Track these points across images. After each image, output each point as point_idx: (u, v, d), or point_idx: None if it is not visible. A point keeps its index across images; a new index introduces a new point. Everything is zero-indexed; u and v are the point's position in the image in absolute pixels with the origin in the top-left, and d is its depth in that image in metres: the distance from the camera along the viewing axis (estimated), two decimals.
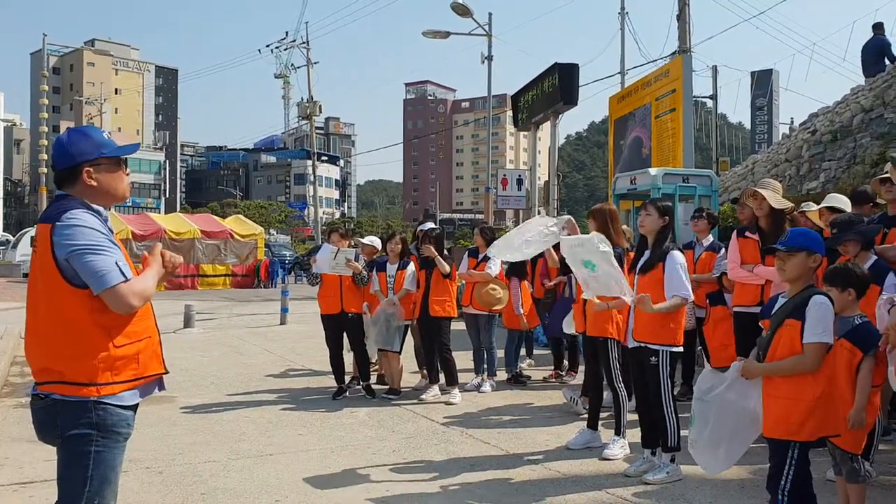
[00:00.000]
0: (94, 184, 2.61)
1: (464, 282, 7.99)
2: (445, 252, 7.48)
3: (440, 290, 7.21)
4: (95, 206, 2.61)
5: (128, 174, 2.74)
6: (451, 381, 7.21)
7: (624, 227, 6.06)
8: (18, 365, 9.34)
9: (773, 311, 3.49)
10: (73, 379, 2.47)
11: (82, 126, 2.83)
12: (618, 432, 5.29)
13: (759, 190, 5.42)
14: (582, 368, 7.30)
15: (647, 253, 4.86)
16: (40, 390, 2.52)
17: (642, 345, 4.78)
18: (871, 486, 4.14)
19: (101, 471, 2.50)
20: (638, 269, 4.86)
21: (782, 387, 3.30)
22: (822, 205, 5.93)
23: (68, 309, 2.47)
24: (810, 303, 3.26)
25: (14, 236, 40.02)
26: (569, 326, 6.08)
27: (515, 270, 8.11)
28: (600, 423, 5.60)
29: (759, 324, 3.63)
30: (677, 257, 4.72)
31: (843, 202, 5.74)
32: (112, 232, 2.59)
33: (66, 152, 2.61)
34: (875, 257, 4.51)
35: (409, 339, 7.72)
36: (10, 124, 78.05)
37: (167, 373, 2.76)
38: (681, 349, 4.85)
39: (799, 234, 3.52)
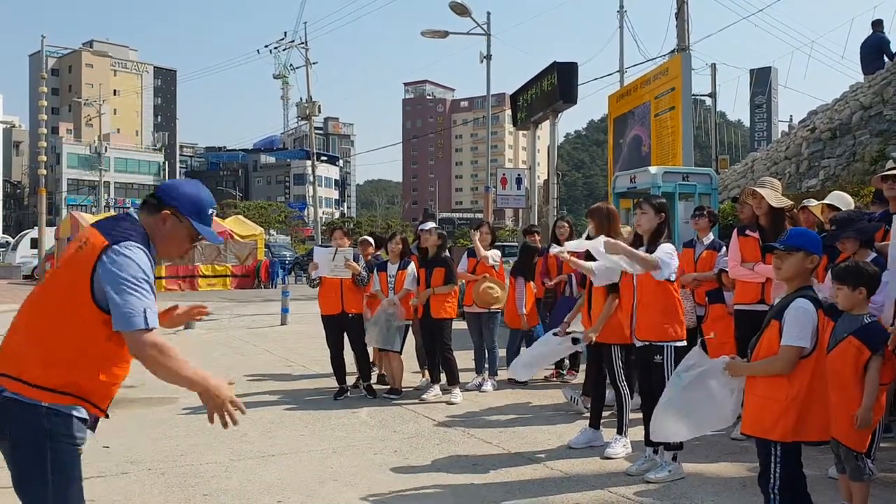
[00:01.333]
0: (164, 228, 2.62)
1: (464, 282, 7.99)
2: (447, 253, 7.49)
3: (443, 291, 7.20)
4: (152, 246, 2.59)
5: (193, 247, 2.75)
6: (453, 380, 7.22)
7: (626, 228, 6.06)
8: None
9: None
10: (33, 379, 2.39)
11: (203, 187, 2.79)
12: (620, 431, 5.30)
13: (757, 189, 5.41)
14: (583, 367, 7.32)
15: (642, 251, 4.85)
16: None
17: (647, 343, 4.79)
18: (872, 483, 4.14)
19: (62, 478, 2.42)
20: None
21: (759, 386, 3.34)
22: (825, 201, 5.94)
23: (75, 319, 2.42)
24: (790, 306, 3.26)
25: (13, 238, 40.04)
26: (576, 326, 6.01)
27: (522, 270, 8.12)
28: (602, 421, 5.61)
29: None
30: (667, 246, 4.74)
31: (846, 201, 5.74)
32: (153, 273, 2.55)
33: (172, 189, 2.67)
34: (874, 254, 4.51)
35: (410, 338, 7.72)
36: (9, 126, 78.06)
37: (107, 417, 2.61)
38: (684, 343, 4.85)
39: (798, 233, 3.51)
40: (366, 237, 8.49)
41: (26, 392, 2.39)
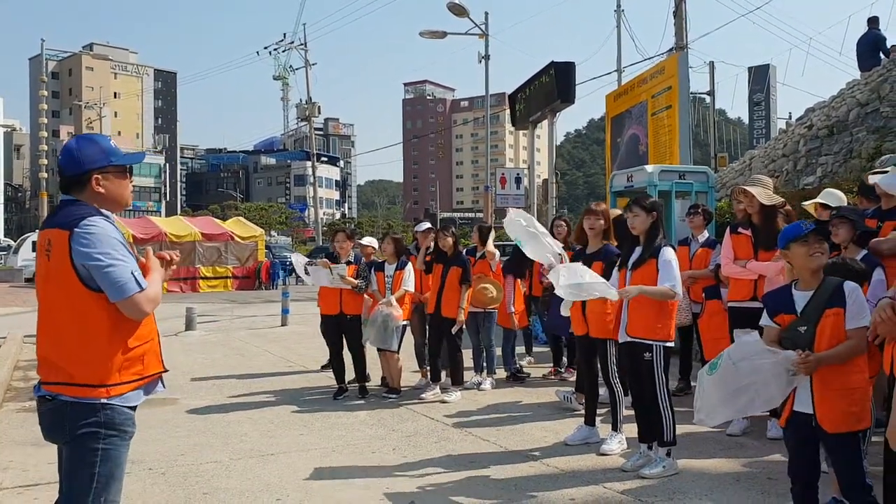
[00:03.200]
0: (102, 191, 2.69)
1: None
2: (461, 250, 7.51)
3: (455, 290, 7.23)
4: (104, 212, 2.68)
5: (132, 181, 2.82)
6: (457, 380, 7.27)
7: (614, 211, 6.12)
8: (21, 370, 9.40)
9: (803, 308, 3.39)
10: (83, 381, 2.54)
11: (89, 133, 2.91)
12: (615, 428, 5.35)
13: (748, 187, 5.47)
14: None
15: (638, 250, 4.90)
16: (47, 390, 2.59)
17: (635, 340, 4.83)
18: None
19: (108, 468, 2.58)
20: (630, 265, 4.91)
21: (836, 380, 3.26)
22: (818, 199, 5.98)
23: (87, 313, 2.55)
24: (848, 290, 3.30)
25: (15, 241, 40.15)
26: (566, 309, 5.99)
27: (513, 268, 8.16)
28: (598, 419, 5.66)
29: (773, 320, 3.49)
30: (669, 254, 4.77)
31: (839, 197, 5.79)
32: (123, 235, 2.66)
33: (75, 159, 2.67)
34: (864, 252, 4.56)
35: (409, 338, 7.77)
36: (9, 129, 78.23)
37: (167, 371, 2.84)
38: (673, 344, 4.90)
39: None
40: (369, 244, 8.38)
41: (81, 393, 2.55)
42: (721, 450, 5.30)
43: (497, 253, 7.83)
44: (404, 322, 7.30)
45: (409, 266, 7.41)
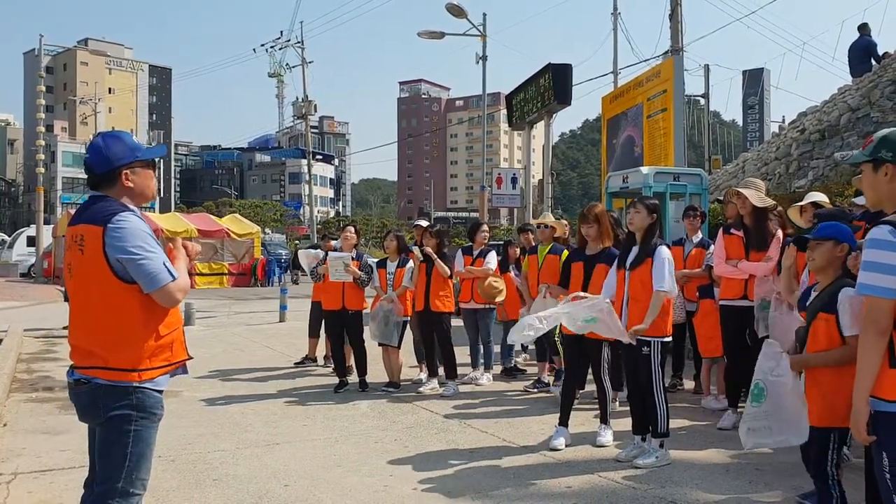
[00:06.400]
0: (131, 185, 2.84)
1: (458, 279, 8.13)
2: (445, 251, 7.68)
3: (441, 285, 7.44)
4: (132, 207, 2.83)
5: (155, 175, 2.97)
6: (451, 374, 7.43)
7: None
8: (24, 362, 9.53)
9: (808, 304, 3.60)
10: (117, 365, 2.70)
11: (115, 131, 3.04)
12: (604, 421, 5.53)
13: (741, 189, 5.67)
14: None
15: (635, 249, 5.08)
16: (82, 374, 2.75)
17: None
18: (848, 468, 4.37)
19: (140, 448, 2.75)
20: (628, 265, 5.08)
21: (825, 377, 3.40)
22: (805, 202, 6.17)
23: (121, 303, 2.71)
24: (841, 297, 3.38)
25: (9, 236, 40.12)
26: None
27: (500, 263, 8.36)
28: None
29: (799, 315, 3.71)
30: (664, 252, 4.95)
31: (822, 200, 5.98)
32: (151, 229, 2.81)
33: (104, 157, 2.81)
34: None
35: (409, 334, 7.93)
36: (3, 124, 77.90)
37: (191, 358, 3.01)
38: (670, 339, 5.08)
39: (828, 225, 3.69)
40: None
41: (115, 377, 2.70)
42: (712, 442, 5.49)
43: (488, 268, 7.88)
44: (405, 318, 7.47)
45: (411, 263, 7.58)
